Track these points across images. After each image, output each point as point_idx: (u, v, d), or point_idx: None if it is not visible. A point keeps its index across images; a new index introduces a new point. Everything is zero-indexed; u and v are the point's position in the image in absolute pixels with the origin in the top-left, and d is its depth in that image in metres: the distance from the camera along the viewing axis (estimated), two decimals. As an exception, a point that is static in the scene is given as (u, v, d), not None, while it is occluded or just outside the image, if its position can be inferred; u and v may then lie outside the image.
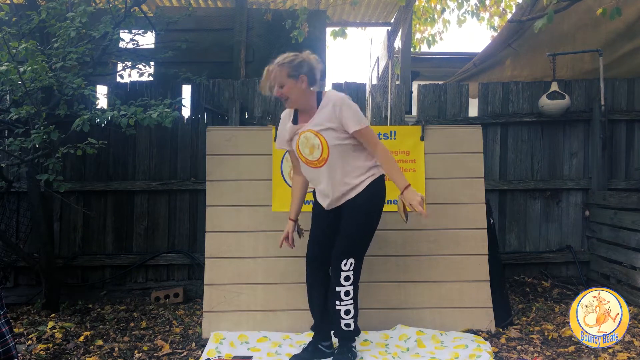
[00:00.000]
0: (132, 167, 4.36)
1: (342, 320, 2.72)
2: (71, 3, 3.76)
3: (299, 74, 2.59)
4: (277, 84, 2.60)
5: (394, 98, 4.48)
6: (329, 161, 2.65)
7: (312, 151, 2.66)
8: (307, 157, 2.68)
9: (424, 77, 6.85)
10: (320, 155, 2.64)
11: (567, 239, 4.49)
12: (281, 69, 2.59)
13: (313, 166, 2.70)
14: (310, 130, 2.64)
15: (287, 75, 2.59)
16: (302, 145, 2.69)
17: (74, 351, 3.04)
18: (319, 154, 2.64)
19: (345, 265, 2.67)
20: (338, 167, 2.66)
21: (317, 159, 2.66)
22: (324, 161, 2.65)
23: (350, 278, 2.69)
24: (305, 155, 2.69)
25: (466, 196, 3.45)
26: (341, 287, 2.68)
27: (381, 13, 6.41)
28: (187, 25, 4.72)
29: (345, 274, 2.67)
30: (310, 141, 2.65)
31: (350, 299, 2.71)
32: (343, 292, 2.69)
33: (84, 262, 4.28)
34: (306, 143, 2.67)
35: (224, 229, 3.39)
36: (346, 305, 2.70)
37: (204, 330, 3.26)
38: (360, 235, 2.73)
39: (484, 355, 2.81)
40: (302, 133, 2.68)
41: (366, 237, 2.76)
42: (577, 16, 4.87)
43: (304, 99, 2.66)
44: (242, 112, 4.39)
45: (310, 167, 2.72)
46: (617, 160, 4.51)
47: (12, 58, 3.27)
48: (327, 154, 2.63)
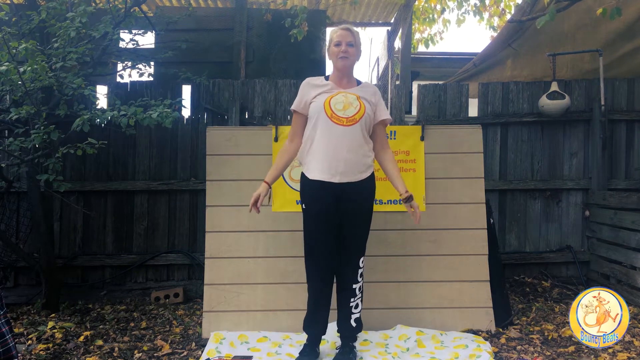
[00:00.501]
0: (132, 167, 4.36)
1: (352, 316, 2.80)
2: (71, 3, 3.76)
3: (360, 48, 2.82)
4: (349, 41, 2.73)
5: (394, 98, 4.48)
6: (359, 123, 2.66)
7: (347, 107, 2.67)
8: (338, 113, 2.66)
9: (424, 77, 6.86)
10: (354, 114, 2.66)
11: (567, 239, 4.49)
12: (357, 34, 2.78)
13: (340, 123, 2.65)
14: (353, 94, 2.72)
15: (358, 41, 2.78)
16: (336, 102, 2.69)
17: (74, 351, 3.04)
18: (352, 112, 2.67)
19: (362, 262, 2.79)
20: (359, 137, 2.68)
21: (349, 117, 2.66)
22: (354, 121, 2.66)
23: (363, 274, 2.81)
24: (337, 110, 2.66)
25: (466, 196, 3.45)
26: (357, 284, 2.79)
27: (381, 13, 6.41)
28: (187, 25, 4.73)
29: (361, 270, 2.79)
30: (349, 99, 2.70)
31: (361, 292, 2.83)
32: (358, 288, 2.80)
33: (84, 262, 4.28)
34: (343, 100, 2.69)
35: (224, 229, 3.39)
36: (357, 300, 2.81)
37: (204, 330, 3.26)
38: (367, 231, 2.83)
39: (484, 355, 2.82)
40: (341, 92, 2.72)
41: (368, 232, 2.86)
42: (577, 16, 4.87)
43: (352, 70, 2.84)
44: (242, 112, 4.39)
45: (336, 125, 2.65)
46: (617, 160, 4.52)
47: (12, 58, 3.27)
48: (361, 116, 2.67)
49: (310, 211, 2.74)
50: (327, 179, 2.65)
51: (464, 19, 8.12)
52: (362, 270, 2.79)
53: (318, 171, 2.67)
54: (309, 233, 2.75)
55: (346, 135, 2.65)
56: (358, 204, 2.73)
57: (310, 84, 2.81)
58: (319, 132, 2.68)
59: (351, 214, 2.71)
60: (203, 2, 5.80)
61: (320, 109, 2.68)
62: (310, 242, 2.75)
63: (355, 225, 2.74)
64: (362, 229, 2.78)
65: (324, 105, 2.68)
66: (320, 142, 2.67)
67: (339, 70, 2.77)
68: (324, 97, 2.71)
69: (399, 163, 3.45)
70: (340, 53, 2.71)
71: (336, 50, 2.73)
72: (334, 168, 2.64)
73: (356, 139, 2.67)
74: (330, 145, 2.65)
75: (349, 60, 2.73)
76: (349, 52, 2.72)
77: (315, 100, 2.73)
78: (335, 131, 2.65)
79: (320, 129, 2.68)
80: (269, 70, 5.04)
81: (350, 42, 2.72)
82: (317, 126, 2.69)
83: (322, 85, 2.77)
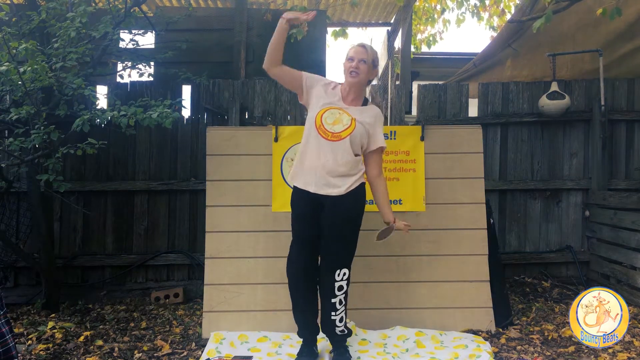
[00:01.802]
0: (132, 167, 4.36)
1: (336, 328, 2.76)
2: (71, 3, 3.76)
3: (376, 67, 2.81)
4: (362, 58, 2.71)
5: (394, 98, 4.48)
6: (343, 141, 2.65)
7: (337, 123, 2.67)
8: (326, 126, 2.66)
9: (424, 77, 6.85)
10: (341, 131, 2.65)
11: (567, 239, 4.49)
12: (373, 52, 2.78)
13: (325, 137, 2.65)
14: (350, 115, 2.70)
15: (372, 59, 2.76)
16: (329, 115, 2.68)
17: (74, 351, 3.04)
18: (340, 129, 2.66)
19: (339, 276, 2.69)
20: (342, 152, 2.66)
21: (334, 133, 2.65)
22: (339, 138, 2.65)
23: (343, 287, 2.71)
24: (326, 124, 2.66)
25: (466, 196, 3.45)
26: (335, 298, 2.70)
27: (381, 13, 6.41)
28: (187, 25, 4.72)
29: (338, 284, 2.69)
30: (342, 117, 2.68)
31: (343, 306, 2.74)
32: (337, 301, 2.71)
33: (84, 262, 4.28)
34: (336, 116, 2.68)
35: (224, 229, 3.39)
36: (340, 314, 2.74)
37: (204, 330, 3.26)
38: (351, 242, 2.74)
39: (484, 355, 2.82)
40: (338, 108, 2.71)
41: (354, 244, 2.77)
42: (577, 16, 4.87)
43: (362, 88, 2.81)
44: (242, 112, 4.39)
45: (320, 136, 2.66)
46: (617, 160, 4.51)
47: (12, 58, 3.26)
48: (347, 134, 2.65)
49: (293, 215, 2.81)
50: (304, 187, 2.71)
51: (463, 19, 8.11)
52: (341, 283, 2.69)
53: (300, 179, 2.74)
54: (293, 235, 2.81)
55: (328, 150, 2.65)
56: (332, 216, 2.68)
57: (324, 84, 2.81)
58: (306, 141, 2.73)
59: (326, 226, 2.70)
60: (203, 2, 5.79)
61: (311, 119, 2.72)
62: (293, 244, 2.81)
63: (330, 238, 2.69)
64: (337, 245, 2.69)
65: (315, 116, 2.70)
66: (306, 150, 2.73)
67: (349, 86, 2.78)
68: (322, 107, 2.72)
69: (399, 163, 3.46)
70: (351, 68, 2.71)
71: (348, 65, 2.73)
72: (310, 177, 2.69)
73: (339, 156, 2.65)
74: (312, 156, 2.69)
75: (358, 77, 2.72)
76: (360, 69, 2.71)
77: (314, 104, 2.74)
78: (319, 142, 2.67)
79: (308, 139, 2.72)
80: (269, 71, 5.03)
81: (363, 59, 2.71)
82: (308, 136, 2.72)
83: (329, 94, 2.77)
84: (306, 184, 2.69)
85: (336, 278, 2.68)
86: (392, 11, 6.31)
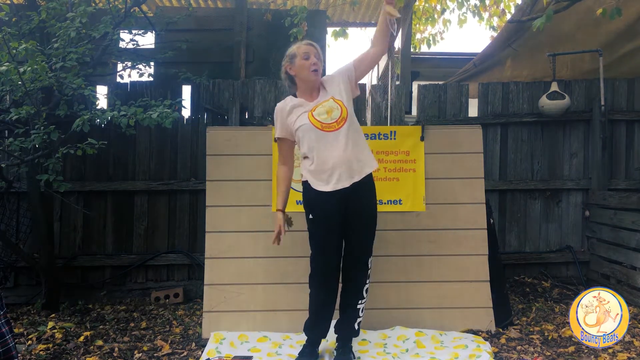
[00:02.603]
0: (132, 168, 4.36)
1: (358, 319, 2.81)
2: (71, 3, 3.76)
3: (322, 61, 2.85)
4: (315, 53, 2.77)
5: (394, 98, 4.48)
6: (347, 121, 2.67)
7: (331, 113, 2.69)
8: (325, 121, 2.66)
9: (424, 77, 6.84)
10: (340, 114, 2.68)
11: (567, 239, 4.49)
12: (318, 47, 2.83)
13: (331, 129, 2.64)
14: (325, 100, 2.73)
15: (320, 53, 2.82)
16: (318, 113, 2.69)
17: (74, 351, 3.04)
18: (338, 114, 2.68)
19: (370, 263, 2.77)
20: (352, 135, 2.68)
21: (336, 120, 2.66)
22: (343, 120, 2.66)
23: (370, 275, 2.79)
24: (323, 120, 2.67)
25: (466, 196, 3.45)
26: (365, 285, 2.78)
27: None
28: (187, 25, 4.72)
29: (369, 271, 2.77)
30: (328, 105, 2.71)
31: (367, 294, 2.81)
32: (365, 289, 2.79)
33: (84, 262, 4.28)
34: (323, 110, 2.70)
35: (224, 229, 3.39)
36: (364, 303, 2.80)
37: (204, 331, 3.26)
38: (374, 230, 2.80)
39: (484, 355, 2.81)
40: (316, 106, 2.72)
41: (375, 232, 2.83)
42: (577, 16, 4.86)
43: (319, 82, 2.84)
44: (242, 112, 4.39)
45: (327, 133, 2.64)
46: (617, 160, 4.51)
47: (12, 58, 3.26)
48: (347, 113, 2.68)
49: (319, 220, 2.70)
50: (334, 188, 2.64)
51: (465, 19, 8.10)
52: (370, 271, 2.78)
53: (325, 183, 2.66)
54: (317, 241, 2.72)
55: (340, 136, 2.66)
56: (366, 203, 2.74)
57: (283, 110, 2.77)
58: (316, 146, 2.66)
59: (359, 214, 2.71)
60: (203, 2, 5.80)
61: (309, 127, 2.67)
62: (317, 250, 2.72)
63: (363, 225, 2.73)
64: (371, 229, 2.77)
65: (311, 123, 2.67)
66: (321, 155, 2.65)
67: (312, 83, 2.76)
68: (306, 116, 2.70)
69: (399, 163, 3.46)
70: (312, 66, 2.72)
71: (307, 64, 2.72)
72: (337, 174, 2.63)
73: (351, 136, 2.67)
74: (332, 154, 2.64)
75: (319, 73, 2.76)
76: (319, 65, 2.74)
77: (299, 123, 2.71)
78: (330, 139, 2.65)
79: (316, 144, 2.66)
80: (269, 71, 5.04)
81: (316, 55, 2.76)
82: (312, 142, 2.67)
83: (297, 106, 2.75)
84: (337, 184, 2.63)
85: (369, 265, 2.76)
86: (392, 11, 6.30)
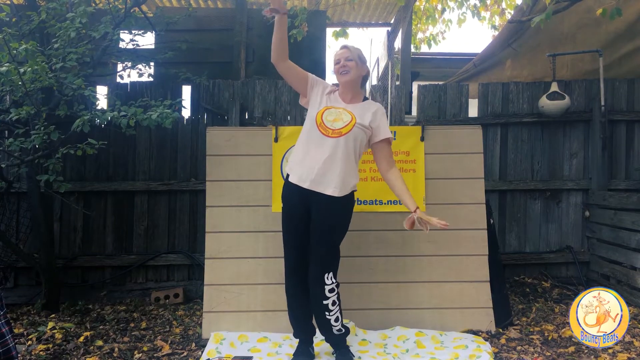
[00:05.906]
0: (132, 168, 4.36)
1: (333, 328, 2.76)
2: (71, 3, 3.76)
3: (364, 63, 2.87)
4: (347, 57, 2.80)
5: (394, 98, 4.48)
6: (344, 137, 2.67)
7: (337, 120, 2.71)
8: (327, 123, 2.70)
9: (424, 78, 6.85)
10: (341, 127, 2.69)
11: (567, 239, 4.49)
12: (355, 49, 2.85)
13: (325, 134, 2.68)
14: (350, 112, 2.74)
15: (357, 55, 2.83)
16: (330, 113, 2.73)
17: (74, 352, 3.04)
18: (340, 126, 2.69)
19: (328, 279, 2.69)
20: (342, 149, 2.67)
21: (335, 130, 2.68)
22: (339, 134, 2.67)
23: (334, 289, 2.72)
24: (327, 121, 2.71)
25: (466, 196, 3.46)
26: (327, 300, 2.71)
27: (381, 13, 6.41)
28: (187, 25, 4.72)
29: (329, 287, 2.70)
30: (342, 115, 2.73)
31: (337, 306, 2.75)
32: (330, 303, 2.71)
33: (84, 262, 4.28)
34: (336, 114, 2.73)
35: (224, 229, 3.39)
36: (334, 314, 2.73)
37: (204, 331, 3.26)
38: (332, 248, 2.74)
39: (484, 355, 2.82)
40: (339, 108, 2.76)
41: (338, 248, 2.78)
42: (577, 16, 4.87)
43: (357, 84, 2.86)
44: (242, 112, 4.39)
45: (321, 134, 2.68)
46: (617, 160, 4.51)
47: (12, 59, 3.26)
48: (347, 131, 2.68)
49: (285, 212, 2.81)
50: (299, 183, 2.71)
51: (464, 19, 8.12)
52: (331, 286, 2.69)
53: (296, 175, 2.74)
54: (284, 233, 2.82)
55: (328, 146, 2.67)
56: (322, 218, 2.69)
57: (325, 87, 2.87)
58: (307, 137, 2.75)
59: (315, 225, 2.71)
60: (203, 2, 5.80)
61: (313, 116, 2.76)
62: (284, 243, 2.82)
63: (318, 238, 2.70)
64: (325, 246, 2.69)
65: (316, 114, 2.74)
66: (304, 147, 2.75)
67: (343, 86, 2.84)
68: (323, 107, 2.77)
69: (399, 164, 3.46)
70: (340, 69, 2.80)
71: (337, 68, 2.82)
72: (306, 174, 2.69)
73: (337, 153, 2.66)
74: (310, 152, 2.71)
75: (349, 74, 2.78)
76: (348, 66, 2.78)
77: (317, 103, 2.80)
78: (319, 140, 2.69)
79: (308, 135, 2.75)
80: (269, 71, 5.02)
81: (349, 57, 2.79)
82: (309, 132, 2.75)
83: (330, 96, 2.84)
84: (301, 180, 2.70)
85: (326, 282, 2.69)
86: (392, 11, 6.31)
